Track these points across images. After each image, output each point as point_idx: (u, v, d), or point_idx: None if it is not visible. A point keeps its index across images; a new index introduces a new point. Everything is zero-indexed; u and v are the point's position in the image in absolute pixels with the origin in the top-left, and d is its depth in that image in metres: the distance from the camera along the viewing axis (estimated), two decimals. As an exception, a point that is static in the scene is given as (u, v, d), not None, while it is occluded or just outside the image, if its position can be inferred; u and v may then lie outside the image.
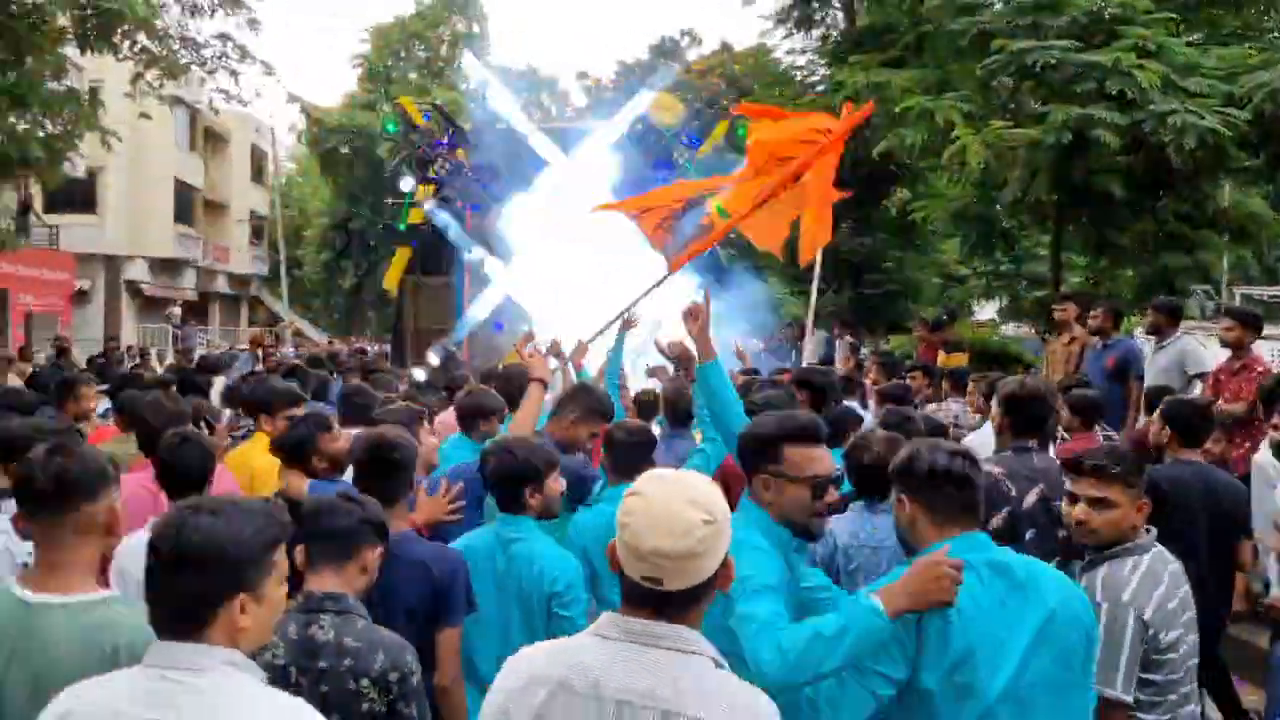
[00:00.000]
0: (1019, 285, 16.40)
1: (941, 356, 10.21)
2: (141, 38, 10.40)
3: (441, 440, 4.12)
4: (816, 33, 13.40)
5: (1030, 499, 3.61)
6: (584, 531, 3.55)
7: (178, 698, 1.51)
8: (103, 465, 2.08)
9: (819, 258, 8.81)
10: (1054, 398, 4.30)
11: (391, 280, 14.22)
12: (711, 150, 14.88)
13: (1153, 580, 2.61)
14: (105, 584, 2.23)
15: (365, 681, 2.12)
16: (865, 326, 16.40)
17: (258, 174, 38.76)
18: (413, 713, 2.17)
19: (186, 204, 32.54)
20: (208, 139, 34.58)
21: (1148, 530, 2.76)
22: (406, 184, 12.72)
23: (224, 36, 11.35)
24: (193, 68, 11.37)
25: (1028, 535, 3.55)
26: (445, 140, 13.43)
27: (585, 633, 1.68)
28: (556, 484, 3.04)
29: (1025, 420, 3.85)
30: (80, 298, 26.03)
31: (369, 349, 17.56)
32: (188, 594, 1.56)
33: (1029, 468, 3.70)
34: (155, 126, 28.65)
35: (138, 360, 14.16)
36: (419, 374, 8.67)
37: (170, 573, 1.57)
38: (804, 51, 15.50)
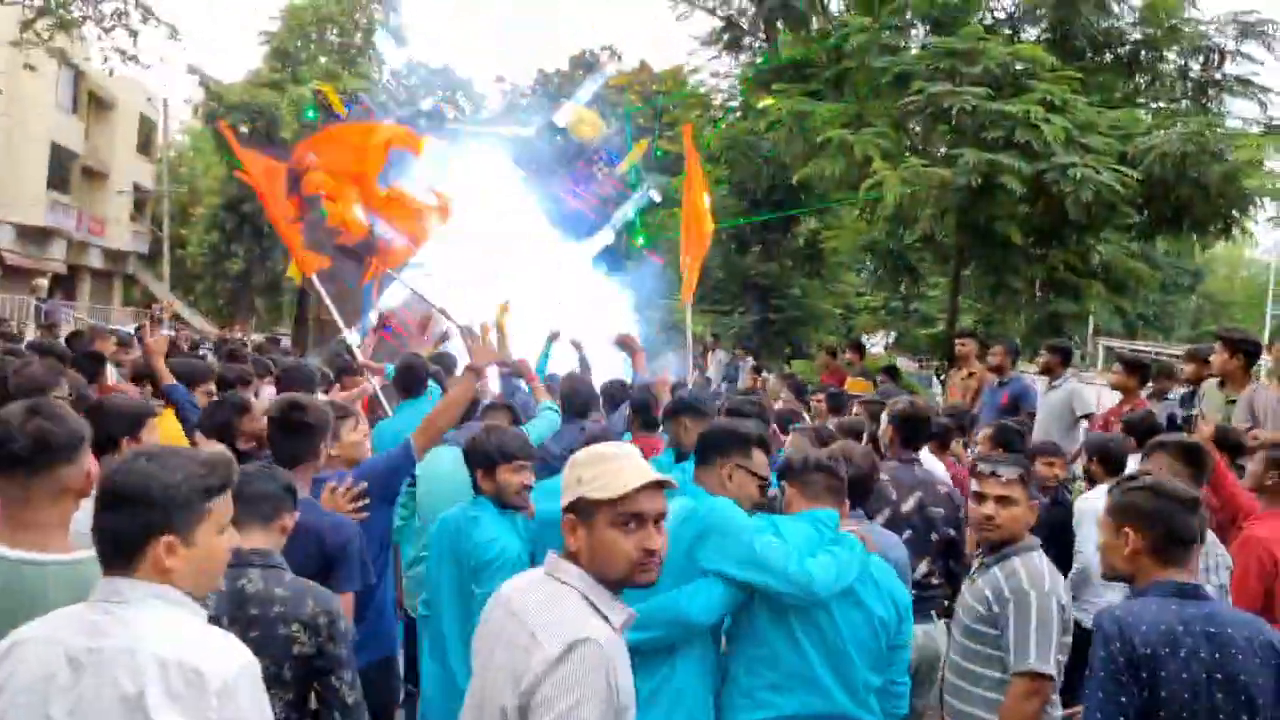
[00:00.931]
0: (912, 321, 17.11)
1: (849, 382, 10.50)
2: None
3: None
4: (743, 58, 13.64)
5: (909, 504, 4.13)
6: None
7: (108, 627, 1.62)
8: (81, 428, 2.10)
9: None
10: (937, 419, 5.03)
11: (295, 269, 13.57)
12: (628, 167, 15.05)
13: (1054, 573, 3.03)
14: None
15: (296, 625, 2.21)
16: (765, 350, 16.73)
17: (145, 145, 36.70)
18: (341, 653, 2.25)
19: (62, 169, 30.46)
20: (92, 102, 32.53)
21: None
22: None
23: (127, -8, 10.65)
24: (89, 23, 10.62)
25: (905, 535, 3.92)
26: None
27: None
28: (512, 475, 3.25)
29: (912, 435, 4.45)
30: (-69, 262, 24.01)
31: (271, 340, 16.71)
32: (116, 531, 1.66)
33: (911, 477, 4.25)
34: (34, 83, 26.87)
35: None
36: (315, 360, 8.33)
37: (105, 510, 1.67)
38: (726, 76, 15.76)
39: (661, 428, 4.31)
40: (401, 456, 3.44)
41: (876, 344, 19.21)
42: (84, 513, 2.41)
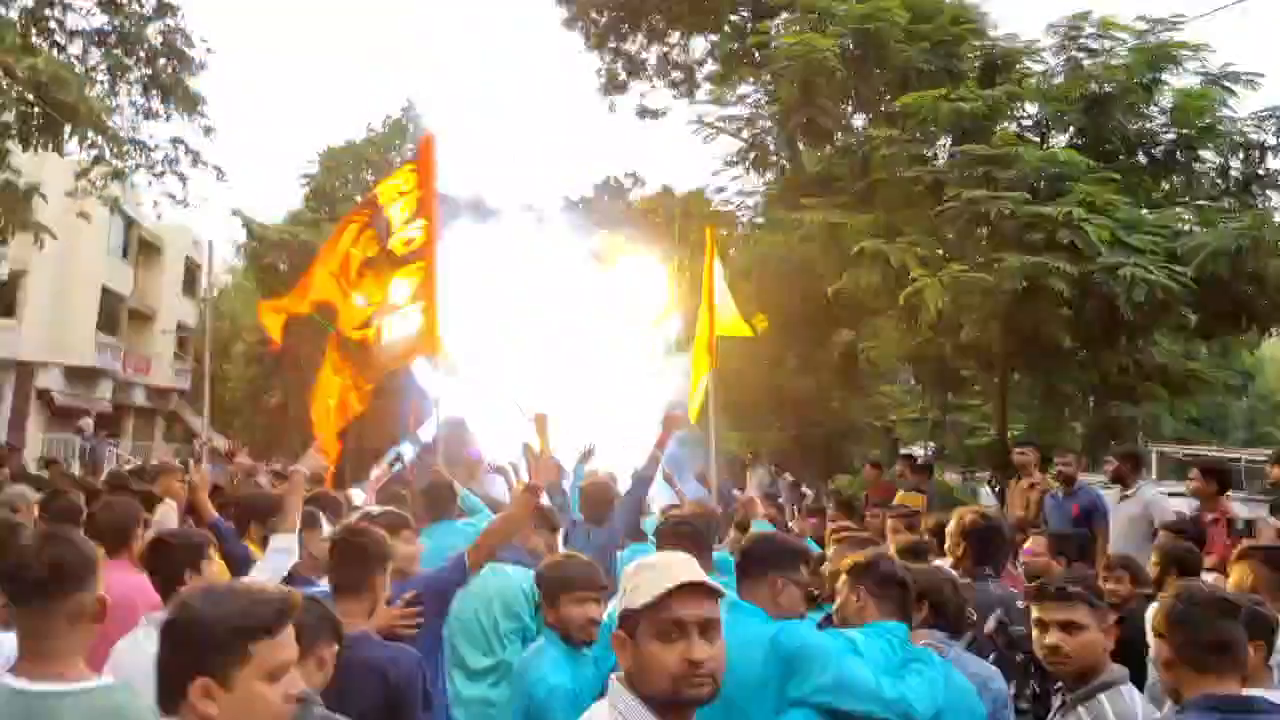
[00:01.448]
0: (955, 431, 16.61)
1: (899, 495, 10.06)
2: (90, 135, 10.05)
3: None
4: (768, 175, 13.82)
5: (990, 624, 3.85)
6: None
7: None
8: (93, 554, 2.10)
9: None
10: (1010, 532, 4.75)
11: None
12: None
13: (1149, 710, 2.71)
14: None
15: None
16: (805, 465, 16.29)
17: (189, 285, 37.90)
18: None
19: (111, 312, 31.42)
20: (142, 248, 33.85)
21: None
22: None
23: (177, 140, 11.10)
24: (140, 170, 11.05)
25: (989, 658, 3.66)
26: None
27: None
28: (575, 607, 3.07)
29: (983, 550, 4.20)
30: (-16, 405, 24.50)
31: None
32: (161, 668, 1.61)
33: (989, 595, 3.99)
34: (88, 232, 28.06)
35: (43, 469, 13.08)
36: (358, 496, 8.14)
37: (159, 645, 1.62)
38: (752, 193, 15.98)
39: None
40: (456, 570, 3.42)
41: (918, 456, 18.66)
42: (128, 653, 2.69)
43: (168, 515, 5.65)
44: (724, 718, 2.00)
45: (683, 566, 1.81)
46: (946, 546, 4.45)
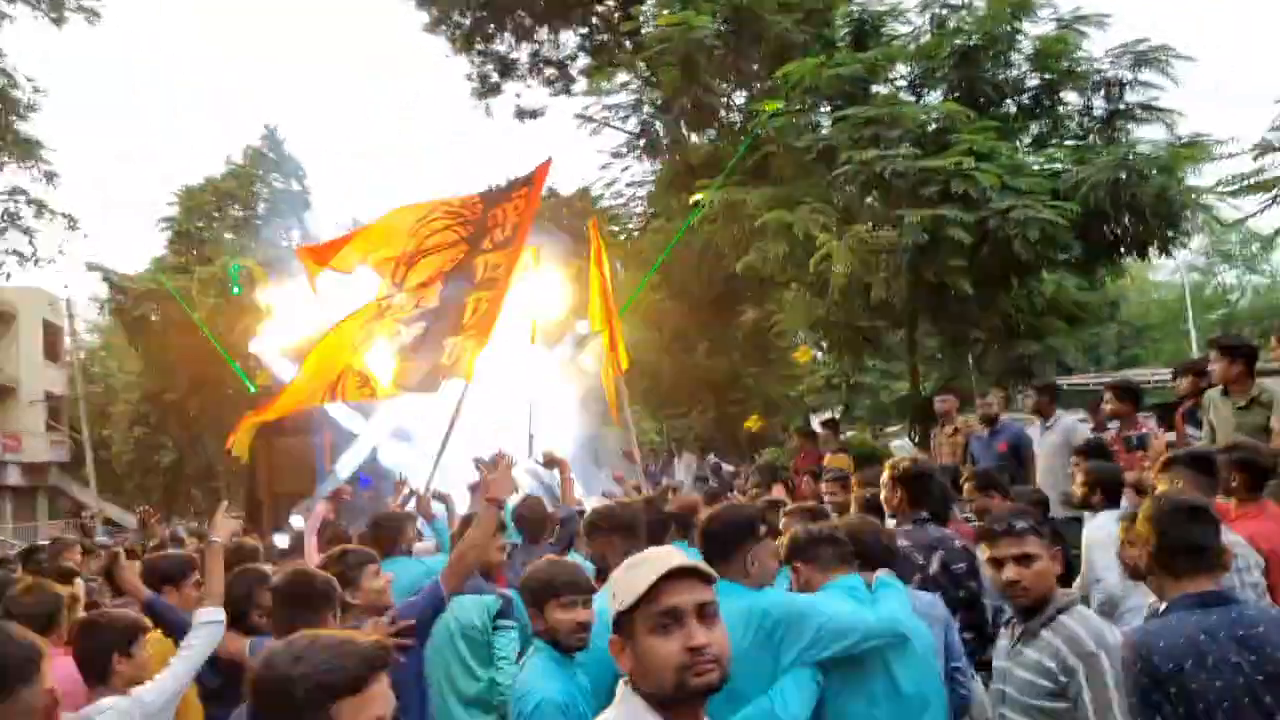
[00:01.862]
0: (861, 393, 17.04)
1: (827, 459, 10.21)
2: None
3: None
4: (658, 163, 13.81)
5: (934, 565, 4.02)
6: None
7: None
8: (37, 646, 1.98)
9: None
10: (942, 476, 4.87)
11: (242, 445, 13.13)
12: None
13: (1108, 623, 2.91)
14: None
15: None
16: (728, 445, 16.43)
17: (52, 351, 35.50)
18: None
19: (-32, 390, 29.15)
20: (-8, 317, 31.54)
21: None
22: (256, 345, 11.94)
23: (17, 190, 10.18)
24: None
25: (938, 596, 3.82)
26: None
27: None
28: (563, 613, 2.96)
29: (919, 495, 4.28)
30: None
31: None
32: None
33: (928, 537, 4.11)
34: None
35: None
36: (281, 540, 7.74)
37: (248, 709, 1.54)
38: (643, 183, 15.95)
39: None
40: (433, 597, 3.35)
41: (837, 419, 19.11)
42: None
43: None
44: (722, 699, 1.96)
45: (669, 556, 1.74)
46: (883, 496, 4.52)
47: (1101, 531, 4.52)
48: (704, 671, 1.64)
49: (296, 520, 8.91)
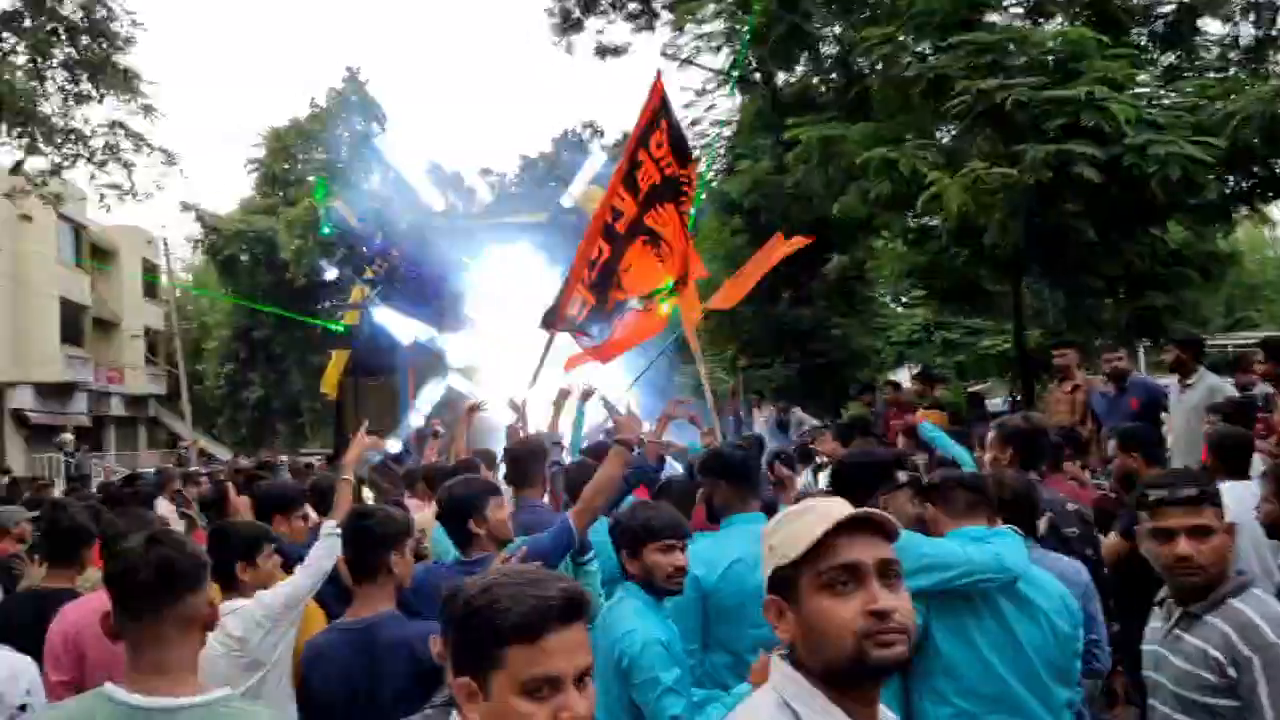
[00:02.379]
0: (962, 343, 16.19)
1: (919, 414, 9.64)
2: (19, 125, 9.19)
3: None
4: (748, 97, 13.14)
5: (1041, 527, 3.70)
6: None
7: None
8: (202, 554, 2.01)
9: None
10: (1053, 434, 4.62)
11: (330, 384, 13.61)
12: None
13: None
14: None
15: None
16: (810, 398, 15.86)
17: (150, 289, 36.75)
18: None
19: (74, 324, 30.40)
20: (95, 254, 32.65)
21: None
22: (330, 273, 12.00)
23: (116, 124, 10.22)
24: (79, 162, 10.18)
25: None
26: (380, 241, 12.89)
27: None
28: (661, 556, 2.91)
29: (1029, 454, 4.08)
30: (-44, 431, 23.65)
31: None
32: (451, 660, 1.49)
33: (1039, 499, 3.72)
34: (37, 243, 27.02)
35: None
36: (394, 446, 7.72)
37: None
38: (728, 122, 15.28)
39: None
40: (564, 536, 3.20)
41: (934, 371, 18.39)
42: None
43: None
44: None
45: (841, 504, 1.46)
46: (989, 456, 4.25)
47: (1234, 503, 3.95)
48: (889, 641, 1.37)
49: (392, 444, 9.19)
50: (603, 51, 17.94)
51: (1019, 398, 10.71)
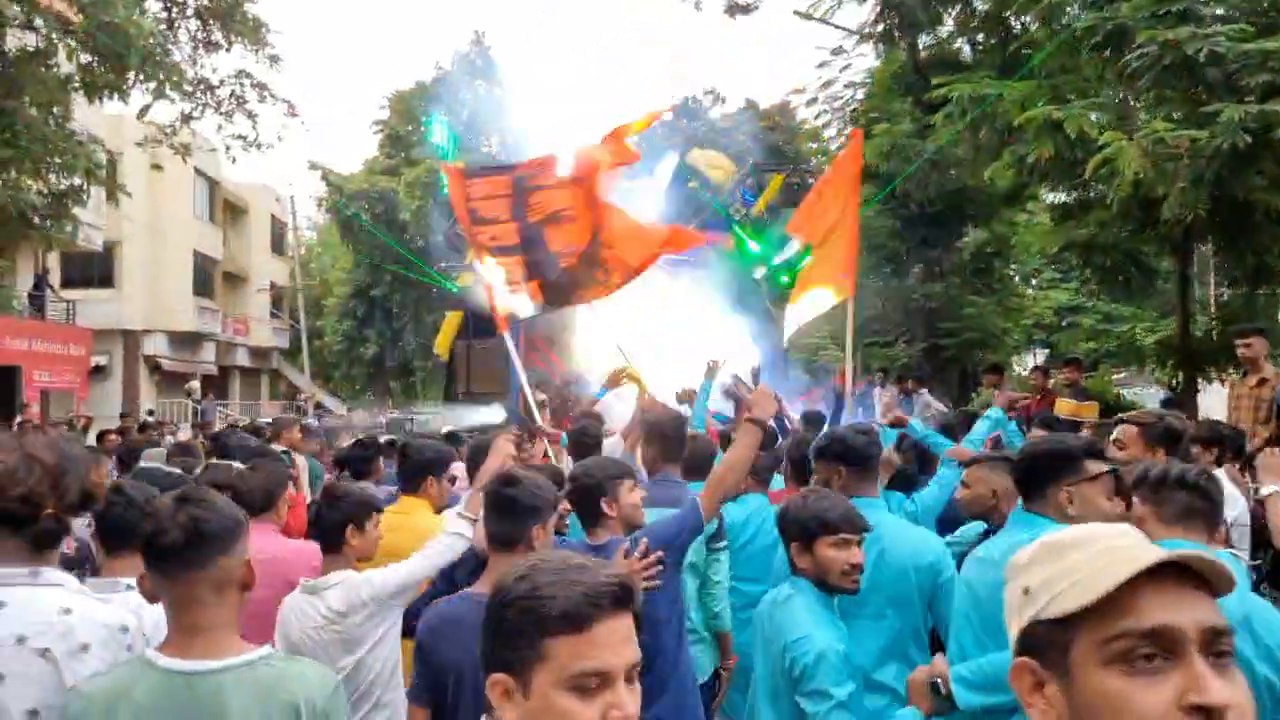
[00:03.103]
0: (1099, 329, 14.96)
1: (1066, 406, 8.77)
2: (151, 75, 9.30)
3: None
4: (877, 60, 12.28)
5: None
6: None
7: None
8: (236, 515, 1.92)
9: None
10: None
11: (443, 345, 13.64)
12: (765, 207, 14.11)
13: None
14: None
15: None
16: (936, 379, 14.98)
17: (278, 244, 38.14)
18: None
19: (205, 276, 31.79)
20: (227, 210, 34.03)
21: None
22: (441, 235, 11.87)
23: (242, 73, 10.27)
24: (207, 111, 10.28)
25: None
26: None
27: None
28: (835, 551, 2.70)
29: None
30: (98, 374, 25.00)
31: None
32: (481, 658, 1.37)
33: None
34: (174, 198, 28.30)
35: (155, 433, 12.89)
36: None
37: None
38: (862, 84, 14.40)
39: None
40: (691, 518, 3.05)
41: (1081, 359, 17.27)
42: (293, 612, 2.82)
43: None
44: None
45: (1142, 541, 1.04)
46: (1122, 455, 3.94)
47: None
48: None
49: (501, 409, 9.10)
50: (732, 9, 17.22)
51: (1179, 390, 9.68)
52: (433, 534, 3.12)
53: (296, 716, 1.75)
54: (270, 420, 13.13)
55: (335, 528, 2.95)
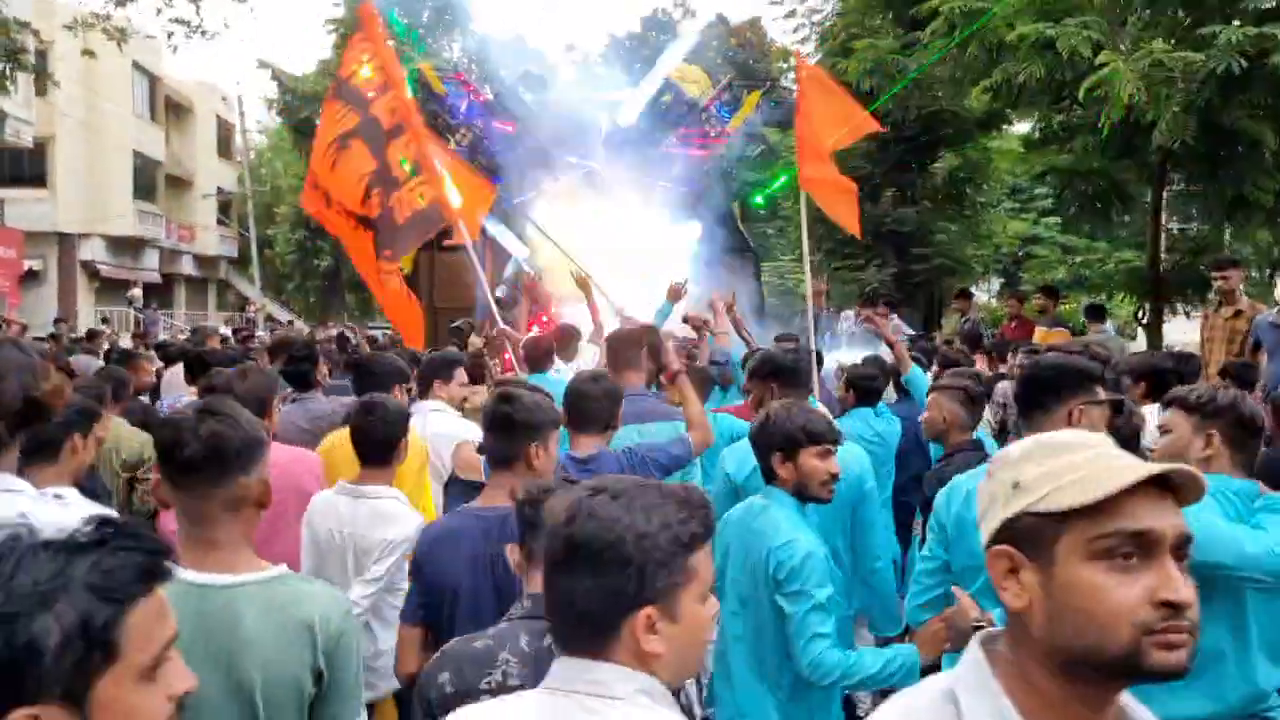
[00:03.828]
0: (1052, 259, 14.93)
1: (1040, 333, 8.77)
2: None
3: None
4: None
5: None
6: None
7: None
8: (259, 433, 1.88)
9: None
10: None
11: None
12: (742, 123, 13.73)
13: None
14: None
15: None
16: (905, 305, 14.93)
17: (224, 147, 36.54)
18: None
19: (147, 179, 30.37)
20: (169, 109, 32.38)
21: None
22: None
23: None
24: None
25: None
26: (465, 109, 12.07)
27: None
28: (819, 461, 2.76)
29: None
30: (31, 278, 23.93)
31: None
32: (580, 599, 1.29)
33: None
34: (112, 94, 26.72)
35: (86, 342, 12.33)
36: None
37: (561, 569, 1.30)
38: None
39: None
40: (685, 454, 3.29)
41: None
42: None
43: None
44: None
45: (1125, 453, 1.16)
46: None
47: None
48: (1177, 643, 1.06)
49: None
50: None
51: (1146, 319, 9.70)
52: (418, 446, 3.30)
53: (310, 634, 1.74)
54: (193, 329, 12.66)
55: (385, 442, 2.94)
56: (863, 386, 4.54)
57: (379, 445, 2.92)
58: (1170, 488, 1.10)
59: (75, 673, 0.96)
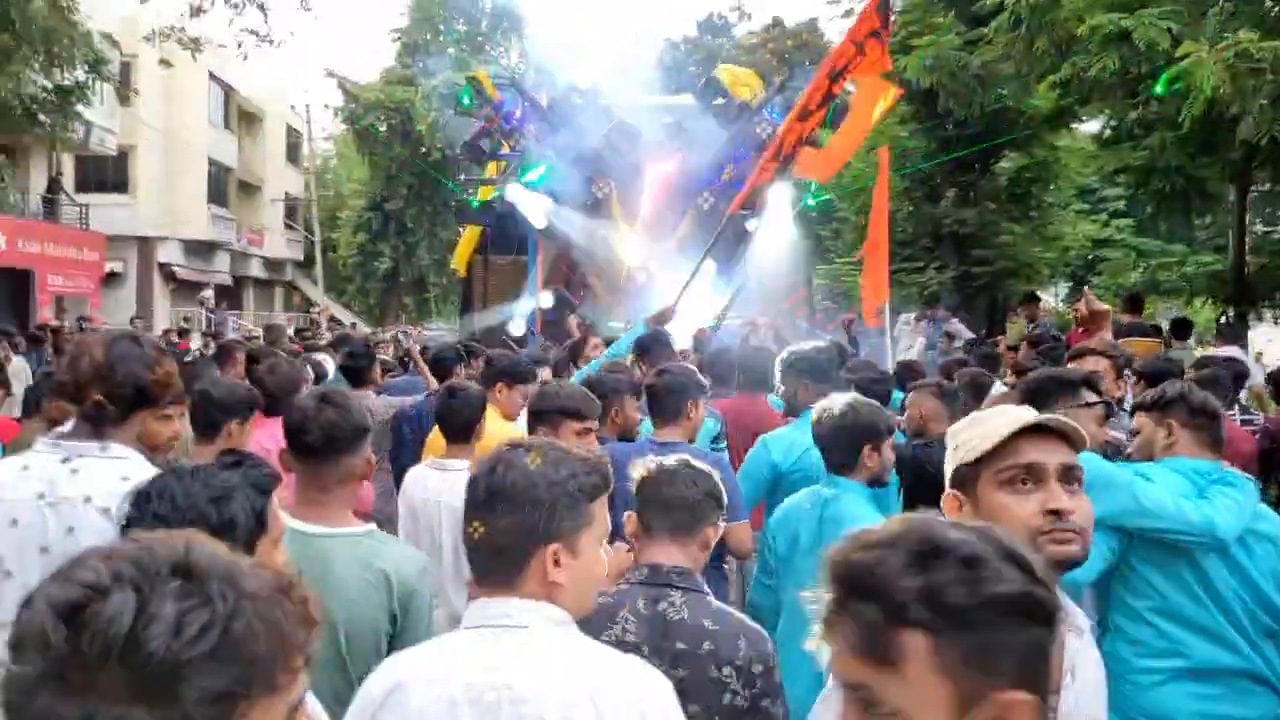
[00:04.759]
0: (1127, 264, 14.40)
1: (1144, 345, 8.31)
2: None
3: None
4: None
5: None
6: None
7: (510, 661, 1.44)
8: (364, 420, 2.23)
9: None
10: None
11: (461, 260, 13.36)
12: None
13: None
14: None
15: (728, 670, 1.94)
16: (965, 309, 14.56)
17: (292, 154, 37.46)
18: (778, 712, 1.97)
19: (220, 185, 31.30)
20: (242, 118, 33.32)
21: None
22: (481, 150, 11.42)
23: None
24: (218, 2, 9.74)
25: None
26: (519, 116, 12.16)
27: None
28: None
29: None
30: (112, 280, 24.81)
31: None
32: (497, 538, 1.50)
33: None
34: (189, 104, 27.67)
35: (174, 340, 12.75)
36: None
37: (481, 512, 1.52)
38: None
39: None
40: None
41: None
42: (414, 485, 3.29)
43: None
44: None
45: (1030, 412, 1.56)
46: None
47: None
48: (1064, 539, 1.45)
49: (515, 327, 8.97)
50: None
51: (1230, 321, 9.27)
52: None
53: (387, 583, 2.08)
54: (266, 327, 12.99)
55: (467, 422, 3.28)
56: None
57: (462, 425, 3.25)
58: (1064, 437, 1.50)
59: (250, 539, 1.53)
